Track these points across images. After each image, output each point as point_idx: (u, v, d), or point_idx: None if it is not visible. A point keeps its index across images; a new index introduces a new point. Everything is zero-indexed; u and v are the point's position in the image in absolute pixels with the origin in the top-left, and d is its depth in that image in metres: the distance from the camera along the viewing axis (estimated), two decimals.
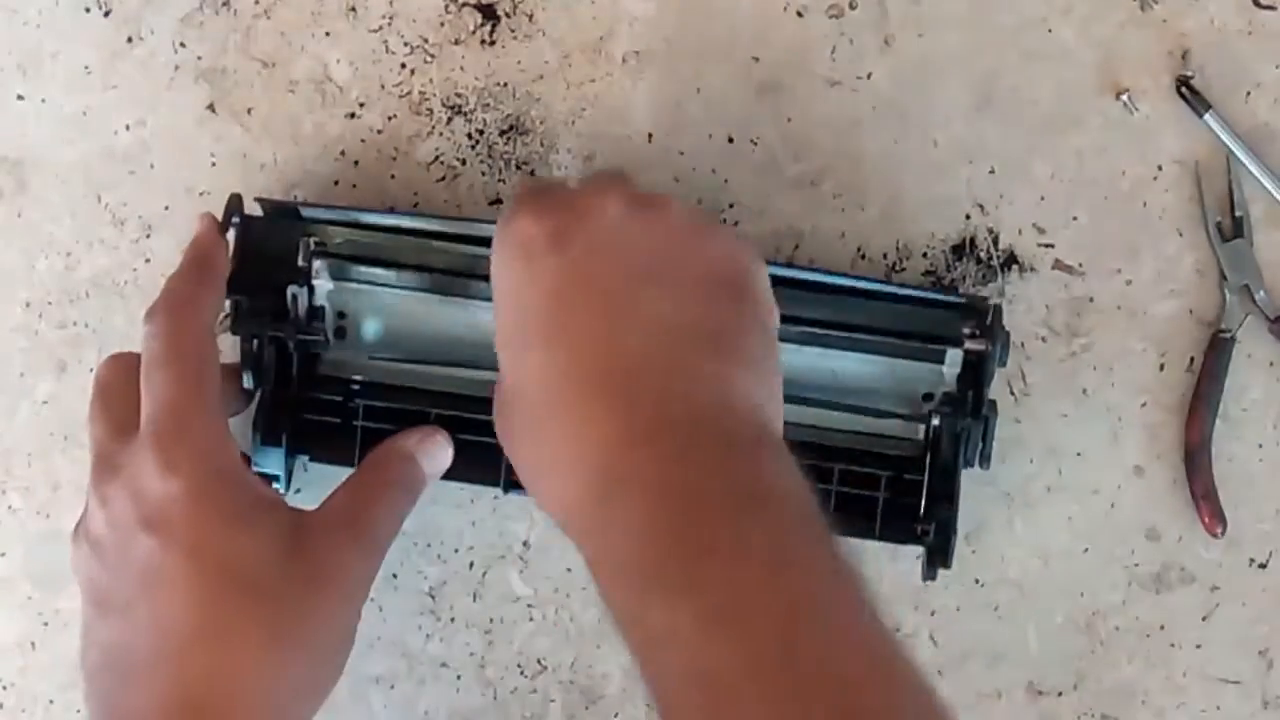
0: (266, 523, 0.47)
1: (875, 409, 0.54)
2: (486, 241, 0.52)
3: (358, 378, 0.54)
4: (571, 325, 0.42)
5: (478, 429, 0.53)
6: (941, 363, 0.53)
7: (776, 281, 0.52)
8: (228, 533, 0.45)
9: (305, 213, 0.53)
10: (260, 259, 0.52)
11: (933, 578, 0.53)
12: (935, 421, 0.53)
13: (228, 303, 0.51)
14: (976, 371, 0.52)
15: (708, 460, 0.39)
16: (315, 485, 0.57)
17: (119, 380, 0.48)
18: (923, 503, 0.53)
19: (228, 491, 0.46)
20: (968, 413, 0.52)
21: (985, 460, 0.52)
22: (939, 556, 0.53)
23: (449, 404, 0.54)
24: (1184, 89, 0.56)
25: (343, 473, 0.54)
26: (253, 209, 0.53)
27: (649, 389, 0.41)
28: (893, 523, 0.53)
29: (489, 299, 0.50)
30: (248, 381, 0.52)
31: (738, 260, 0.45)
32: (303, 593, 0.47)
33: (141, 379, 0.47)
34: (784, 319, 0.52)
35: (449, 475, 0.53)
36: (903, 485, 0.54)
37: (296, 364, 0.53)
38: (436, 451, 0.52)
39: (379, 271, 0.52)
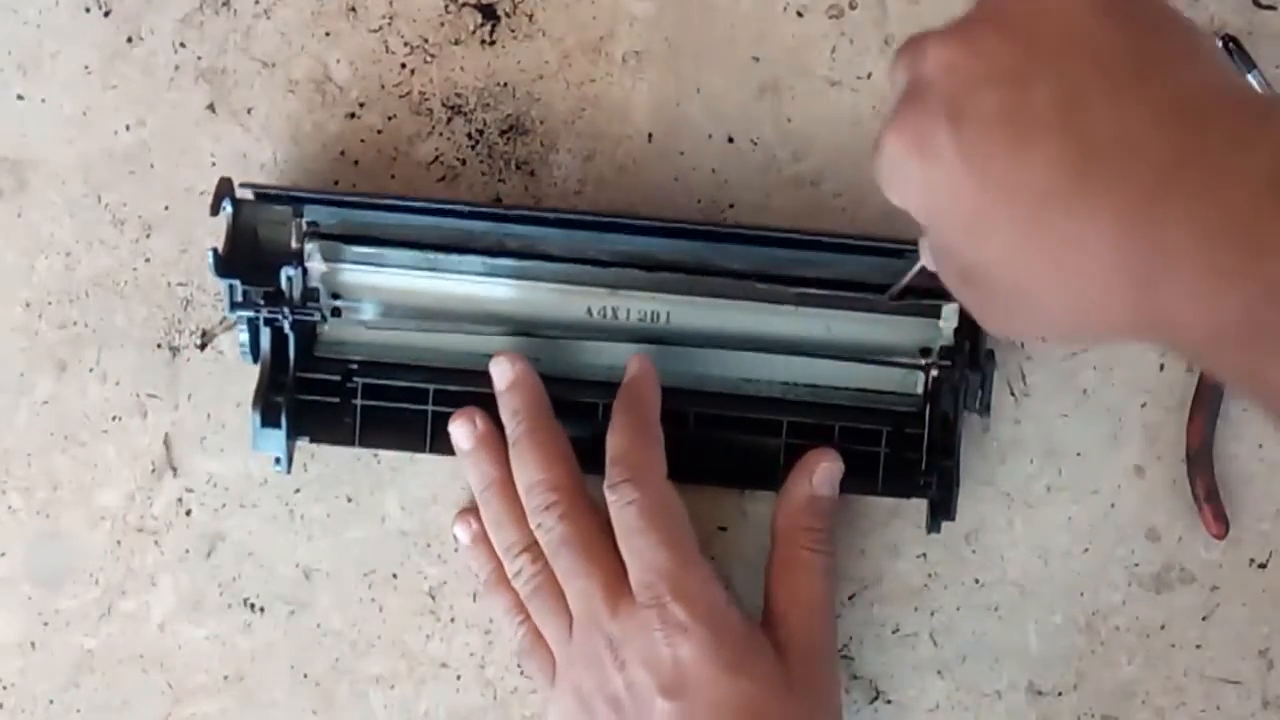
0: (765, 662, 0.50)
1: (874, 358, 0.54)
2: (478, 215, 0.53)
3: (355, 357, 0.54)
4: (998, 170, 0.36)
5: (478, 404, 0.53)
6: (938, 317, 0.53)
7: (767, 241, 0.53)
8: (740, 682, 0.48)
9: (295, 195, 0.53)
10: (253, 242, 0.53)
11: (936, 530, 0.54)
12: (934, 374, 0.53)
13: (224, 285, 0.51)
14: (974, 321, 0.52)
15: (1222, 173, 0.34)
16: (318, 468, 0.57)
17: (591, 528, 0.51)
18: (924, 455, 0.53)
19: (730, 640, 0.49)
20: (966, 363, 0.52)
21: (985, 408, 0.53)
22: (942, 508, 0.53)
23: (448, 380, 0.54)
24: (1230, 44, 0.55)
25: (343, 452, 0.55)
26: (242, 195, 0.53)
27: (1122, 151, 0.35)
28: (895, 477, 0.54)
29: (482, 272, 0.52)
30: (247, 361, 0.53)
31: None
32: (802, 701, 0.50)
33: (623, 544, 0.50)
34: (778, 280, 0.53)
35: (447, 449, 0.54)
36: (903, 440, 0.54)
37: (293, 345, 0.53)
38: (835, 473, 0.54)
39: (371, 250, 0.53)
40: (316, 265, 0.53)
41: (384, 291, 0.54)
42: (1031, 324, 0.40)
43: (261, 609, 0.57)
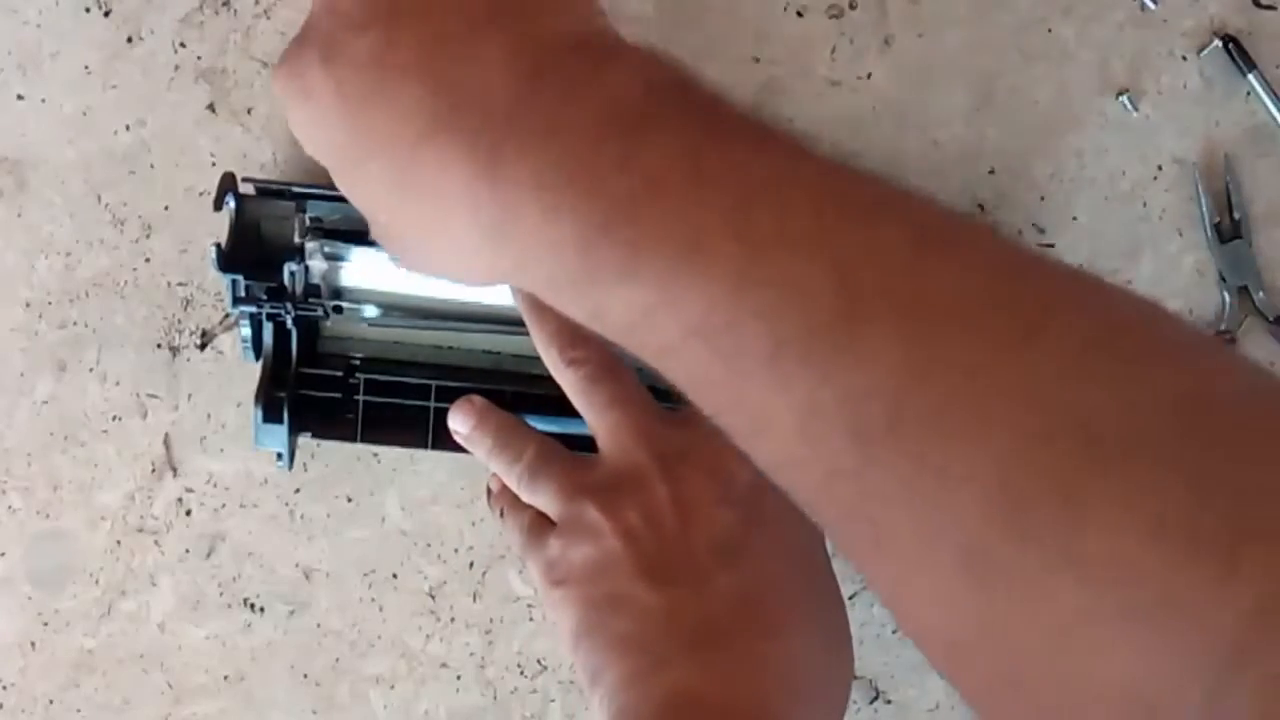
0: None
1: None
2: None
3: (358, 353, 0.54)
4: (372, 116, 0.36)
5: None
6: None
7: None
8: (804, 526, 0.45)
9: (298, 190, 0.53)
10: (256, 237, 0.53)
11: None
12: None
13: (226, 280, 0.51)
14: None
15: (562, 118, 0.34)
16: (319, 468, 0.57)
17: (623, 364, 0.48)
18: None
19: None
20: None
21: None
22: None
23: (451, 376, 0.54)
24: (1230, 45, 0.56)
25: (343, 452, 0.54)
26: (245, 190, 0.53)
27: (472, 97, 0.35)
28: None
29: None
30: (249, 359, 0.53)
31: None
32: (835, 596, 0.48)
33: None
34: None
35: (449, 446, 0.53)
36: None
37: (296, 341, 0.53)
38: None
39: (372, 252, 0.52)
40: (318, 264, 0.53)
41: (383, 294, 0.54)
42: (431, 267, 0.39)
43: (261, 609, 0.57)
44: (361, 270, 0.53)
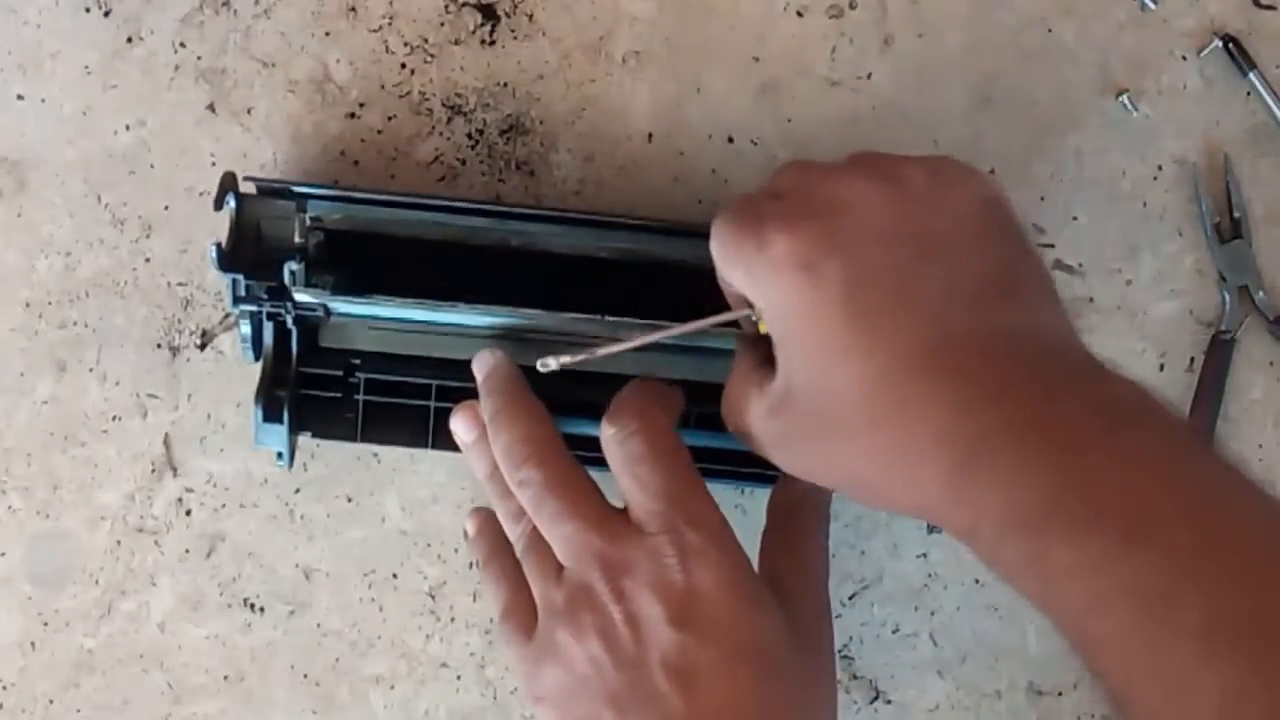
0: (776, 608, 0.47)
1: None
2: (480, 212, 0.52)
3: (358, 352, 0.54)
4: (878, 324, 0.41)
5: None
6: None
7: None
8: (755, 618, 0.46)
9: (299, 190, 0.53)
10: (256, 237, 0.52)
11: (938, 530, 0.54)
12: None
13: (226, 280, 0.51)
14: None
15: (1057, 393, 0.39)
16: (319, 468, 0.57)
17: (573, 474, 0.48)
18: None
19: (744, 575, 0.46)
20: None
21: None
22: None
23: (451, 375, 0.53)
24: (1230, 45, 0.56)
25: (343, 452, 0.54)
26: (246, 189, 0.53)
27: (973, 352, 0.40)
28: None
29: (478, 313, 0.51)
30: (249, 358, 0.52)
31: (984, 196, 0.44)
32: (807, 664, 0.47)
33: (626, 476, 0.47)
34: None
35: (449, 446, 0.53)
36: None
37: (296, 340, 0.53)
38: None
39: (362, 299, 0.51)
40: (307, 299, 0.52)
41: (378, 318, 0.53)
42: (831, 471, 0.43)
43: (261, 609, 0.57)
44: (352, 306, 0.52)
